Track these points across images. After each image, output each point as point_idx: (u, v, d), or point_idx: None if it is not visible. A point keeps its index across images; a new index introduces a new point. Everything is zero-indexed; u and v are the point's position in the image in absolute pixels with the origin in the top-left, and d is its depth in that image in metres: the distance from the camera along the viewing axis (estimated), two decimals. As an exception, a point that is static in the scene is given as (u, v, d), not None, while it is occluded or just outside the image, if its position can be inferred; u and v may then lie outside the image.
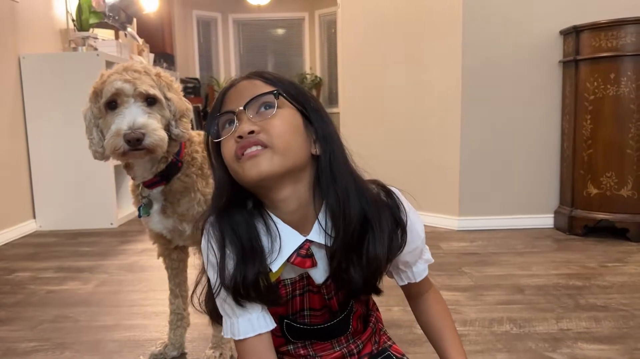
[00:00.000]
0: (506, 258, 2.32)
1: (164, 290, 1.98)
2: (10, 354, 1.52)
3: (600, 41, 2.51)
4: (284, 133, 0.74)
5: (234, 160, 0.74)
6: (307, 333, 0.87)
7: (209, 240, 0.78)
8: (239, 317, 0.78)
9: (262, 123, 0.74)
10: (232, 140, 0.75)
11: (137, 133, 1.14)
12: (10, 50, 2.97)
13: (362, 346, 0.91)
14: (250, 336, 0.78)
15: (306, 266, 0.79)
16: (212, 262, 0.78)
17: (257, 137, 0.73)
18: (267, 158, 0.72)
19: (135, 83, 1.18)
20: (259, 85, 0.78)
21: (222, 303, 0.79)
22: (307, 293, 0.83)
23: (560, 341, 1.49)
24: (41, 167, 3.11)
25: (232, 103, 0.78)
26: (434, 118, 2.92)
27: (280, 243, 0.77)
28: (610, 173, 2.54)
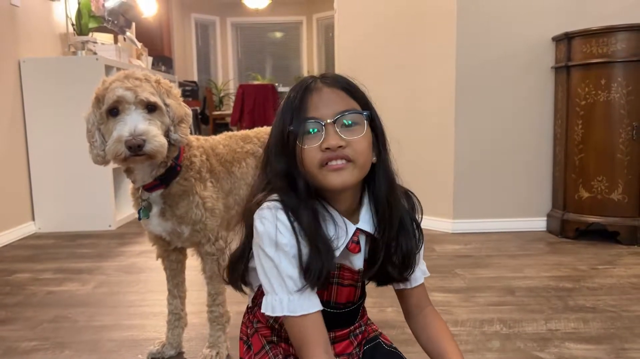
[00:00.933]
0: (499, 261, 2.36)
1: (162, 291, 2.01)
2: (11, 353, 1.55)
3: (592, 47, 2.55)
4: (365, 150, 0.85)
5: (317, 167, 0.82)
6: (332, 317, 0.91)
7: (275, 220, 0.83)
8: (301, 293, 0.82)
9: (349, 139, 0.83)
10: (317, 150, 0.82)
11: (138, 140, 1.18)
12: (10, 54, 3.01)
13: (363, 328, 0.99)
14: (309, 313, 0.83)
15: (356, 252, 0.89)
16: (281, 243, 0.82)
17: (344, 152, 0.81)
18: (349, 172, 0.82)
19: (136, 91, 1.21)
20: (343, 97, 0.86)
21: (283, 279, 0.82)
22: (338, 285, 0.91)
23: (549, 341, 1.53)
24: (40, 170, 3.14)
25: (317, 111, 0.84)
26: (428, 121, 2.96)
27: (347, 230, 0.86)
28: (601, 177, 2.58)
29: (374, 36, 3.17)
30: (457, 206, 2.90)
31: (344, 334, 0.96)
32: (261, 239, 0.83)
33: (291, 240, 0.82)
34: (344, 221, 0.87)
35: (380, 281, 0.97)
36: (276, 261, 0.82)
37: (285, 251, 0.82)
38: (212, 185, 1.44)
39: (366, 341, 1.00)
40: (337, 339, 0.95)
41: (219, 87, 8.74)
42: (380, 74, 3.09)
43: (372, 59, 3.16)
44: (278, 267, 0.82)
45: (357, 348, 0.97)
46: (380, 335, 1.03)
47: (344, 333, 0.95)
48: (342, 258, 0.89)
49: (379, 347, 1.00)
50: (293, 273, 0.82)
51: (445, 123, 2.88)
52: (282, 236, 0.82)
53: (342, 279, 0.91)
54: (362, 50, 3.23)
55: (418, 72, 2.98)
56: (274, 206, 0.84)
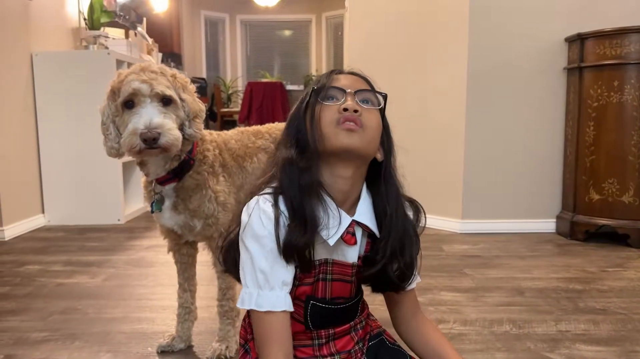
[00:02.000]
0: (508, 261, 2.35)
1: (171, 284, 2.02)
2: (22, 343, 1.56)
3: (605, 49, 2.54)
4: (375, 127, 0.89)
5: (333, 124, 0.85)
6: (328, 313, 0.92)
7: (258, 211, 0.85)
8: (270, 290, 0.83)
9: (364, 110, 0.88)
10: (335, 110, 0.87)
11: (153, 133, 1.18)
12: (22, 48, 3.03)
13: (364, 322, 1.00)
14: (275, 311, 0.83)
15: (352, 243, 0.89)
16: (260, 235, 0.83)
17: (358, 117, 0.86)
18: (359, 136, 0.85)
19: (152, 84, 1.22)
20: (365, 85, 0.93)
21: (255, 273, 0.84)
22: (330, 281, 0.91)
23: (559, 342, 1.53)
24: (51, 163, 3.16)
25: (340, 83, 0.90)
26: (438, 121, 2.96)
27: (340, 220, 0.87)
28: (612, 179, 2.57)
29: (384, 35, 3.17)
30: (466, 206, 2.89)
31: (345, 330, 0.95)
32: (243, 229, 0.86)
33: (271, 231, 0.83)
34: (338, 211, 0.87)
35: (376, 286, 0.97)
36: (252, 253, 0.84)
37: (262, 243, 0.83)
38: (225, 180, 1.44)
39: (370, 337, 1.00)
40: (337, 335, 0.95)
41: (227, 84, 8.75)
42: (391, 74, 3.09)
43: (383, 58, 3.16)
44: (252, 259, 0.84)
45: (359, 344, 0.97)
46: (385, 332, 1.04)
47: (345, 328, 0.95)
48: (335, 252, 0.90)
49: (383, 344, 1.00)
50: (266, 267, 0.83)
51: (456, 123, 2.88)
52: (262, 228, 0.83)
53: (333, 274, 0.91)
54: (372, 49, 3.22)
55: (429, 72, 2.97)
56: (263, 198, 0.86)
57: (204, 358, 1.45)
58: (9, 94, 2.90)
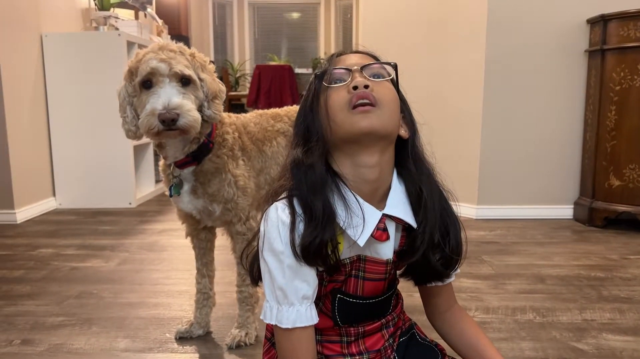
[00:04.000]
0: (526, 248, 2.31)
1: (186, 269, 2.01)
2: (39, 327, 1.54)
3: (629, 30, 2.46)
4: (391, 100, 0.80)
5: (345, 108, 0.78)
6: (357, 308, 0.87)
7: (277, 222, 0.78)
8: (290, 306, 0.79)
9: (375, 83, 0.80)
10: (344, 91, 0.79)
11: (172, 114, 1.14)
12: (32, 29, 2.98)
13: (397, 318, 0.94)
14: (297, 327, 0.79)
15: (383, 239, 0.81)
16: (277, 250, 0.78)
17: (371, 92, 0.78)
18: (376, 115, 0.77)
19: (171, 63, 1.17)
20: (371, 60, 0.85)
21: (274, 289, 0.79)
22: (362, 279, 0.85)
23: (585, 332, 1.49)
24: (61, 146, 3.13)
25: (345, 64, 0.83)
26: (455, 105, 2.90)
27: (364, 217, 0.79)
28: (634, 165, 2.51)
29: (399, 17, 3.09)
30: (482, 191, 2.85)
31: (375, 328, 0.89)
32: (261, 241, 0.80)
33: (288, 244, 0.77)
34: (360, 207, 0.79)
35: (419, 278, 0.91)
36: (270, 268, 0.79)
37: (280, 259, 0.77)
38: (244, 164, 1.40)
39: (401, 333, 0.94)
40: (367, 333, 0.89)
41: (235, 68, 8.67)
42: (406, 56, 3.02)
43: (398, 41, 3.09)
44: (271, 274, 0.79)
45: (390, 339, 0.92)
46: (415, 326, 0.99)
47: (375, 326, 0.89)
48: (367, 249, 0.83)
49: (413, 339, 0.95)
50: (283, 283, 0.78)
51: (473, 108, 2.82)
52: (280, 243, 0.77)
53: (366, 272, 0.84)
54: (387, 31, 3.15)
55: (446, 55, 2.90)
56: (281, 203, 0.79)
57: (223, 345, 1.43)
58: (19, 76, 2.86)
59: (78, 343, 1.44)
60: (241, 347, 1.41)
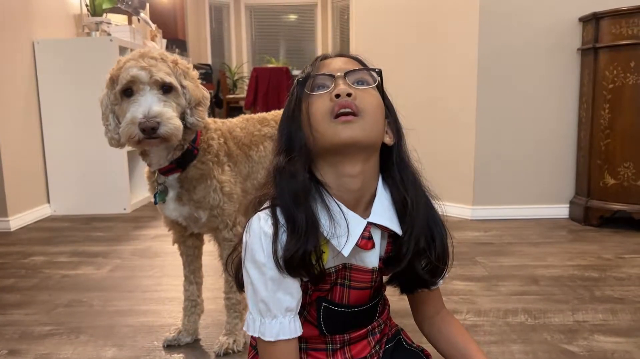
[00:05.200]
0: (521, 248, 2.30)
1: (177, 275, 1.99)
2: (26, 337, 1.53)
3: (621, 28, 2.45)
4: (375, 107, 0.79)
5: (327, 117, 0.77)
6: (343, 317, 0.86)
7: (260, 233, 0.77)
8: (273, 319, 0.78)
9: (359, 92, 0.79)
10: (327, 99, 0.78)
11: (152, 122, 1.13)
12: (24, 36, 2.97)
13: (383, 325, 0.93)
14: (280, 339, 0.78)
15: (368, 248, 0.81)
16: (260, 262, 0.76)
17: (353, 101, 0.77)
18: (359, 125, 0.76)
19: (151, 71, 1.16)
20: (356, 64, 0.84)
21: (257, 301, 0.78)
22: (348, 288, 0.84)
23: (577, 333, 1.48)
24: (55, 152, 3.12)
25: (329, 69, 0.82)
26: (449, 105, 2.88)
27: (348, 226, 0.78)
28: (628, 163, 2.50)
29: (391, 18, 3.08)
30: (477, 192, 2.83)
31: (361, 335, 0.89)
32: (244, 251, 0.79)
33: (270, 255, 0.75)
34: (343, 215, 0.78)
35: (405, 286, 0.90)
36: (253, 280, 0.77)
37: (262, 271, 0.76)
38: (230, 169, 1.39)
39: (388, 340, 0.94)
40: (353, 340, 0.88)
41: (232, 70, 8.67)
42: (399, 56, 3.01)
43: (391, 41, 3.08)
44: (253, 286, 0.78)
45: (376, 346, 0.91)
46: (402, 331, 0.98)
47: (361, 333, 0.88)
48: (353, 258, 0.82)
49: (400, 345, 0.94)
50: (266, 296, 0.77)
51: (467, 107, 2.80)
52: (262, 255, 0.76)
53: (352, 281, 0.83)
54: (380, 32, 3.14)
55: (439, 55, 2.89)
56: (264, 213, 0.78)
57: (211, 352, 1.42)
58: (11, 83, 2.85)
59: (65, 353, 1.43)
60: (229, 354, 1.40)
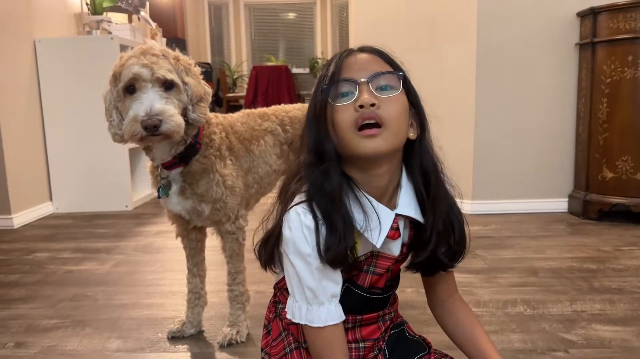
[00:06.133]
0: (520, 242, 2.32)
1: (180, 270, 2.01)
2: (32, 330, 1.56)
3: (619, 23, 2.47)
4: (399, 116, 0.80)
5: (352, 128, 0.78)
6: (359, 299, 0.89)
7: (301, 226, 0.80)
8: (320, 306, 0.81)
9: (382, 100, 0.79)
10: (351, 109, 0.78)
11: (154, 120, 1.15)
12: (25, 35, 2.99)
13: (393, 313, 0.96)
14: (329, 325, 0.81)
15: (395, 238, 0.85)
16: (304, 253, 0.80)
17: (377, 112, 0.77)
18: (382, 138, 0.78)
19: (153, 68, 1.18)
20: (380, 62, 0.83)
21: (303, 290, 0.81)
22: (372, 274, 0.88)
23: (575, 323, 1.50)
24: (57, 150, 3.14)
25: (353, 73, 0.80)
26: (448, 101, 2.90)
27: (379, 220, 0.82)
28: (626, 157, 2.52)
29: (391, 14, 3.10)
30: (477, 187, 2.85)
31: (372, 318, 0.92)
32: (287, 245, 0.82)
33: (314, 247, 0.79)
34: (374, 209, 0.81)
35: (426, 270, 0.93)
36: (298, 270, 0.81)
37: (308, 261, 0.80)
38: (232, 163, 1.41)
39: (393, 326, 0.97)
40: (364, 322, 0.92)
41: (232, 69, 8.69)
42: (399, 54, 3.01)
43: (390, 38, 3.09)
44: (299, 276, 0.81)
45: (383, 333, 0.95)
46: (405, 324, 1.01)
47: (372, 316, 0.92)
48: (373, 246, 0.85)
49: (403, 334, 0.98)
50: (313, 284, 0.80)
51: (466, 102, 2.82)
52: (307, 246, 0.79)
53: (374, 266, 0.87)
54: (379, 29, 3.16)
55: (438, 51, 2.91)
56: (302, 209, 0.81)
57: (215, 343, 1.44)
58: (13, 82, 2.88)
59: (71, 345, 1.46)
60: (232, 345, 1.42)
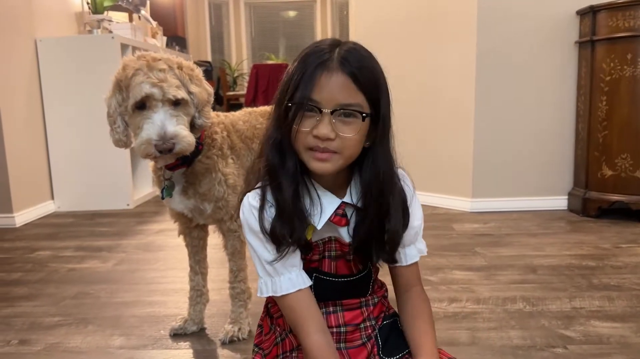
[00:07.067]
0: (519, 239, 2.33)
1: (182, 268, 2.03)
2: (36, 327, 1.57)
3: (618, 21, 2.48)
4: (355, 145, 0.84)
5: (304, 149, 0.83)
6: (332, 286, 0.93)
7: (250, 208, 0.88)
8: (280, 276, 0.87)
9: (340, 130, 0.81)
10: (309, 133, 0.81)
11: (169, 144, 1.18)
12: (26, 34, 3.00)
13: (377, 300, 0.98)
14: (291, 292, 0.87)
15: (342, 224, 0.89)
16: (255, 230, 0.87)
17: (331, 145, 0.81)
18: (333, 162, 0.83)
19: (163, 87, 1.19)
20: (352, 89, 0.81)
21: (262, 265, 0.88)
22: (334, 259, 0.92)
23: (573, 319, 1.51)
24: (59, 149, 3.15)
25: (321, 95, 0.80)
26: (448, 99, 2.91)
27: (321, 206, 0.88)
28: (626, 154, 2.53)
29: (391, 12, 3.11)
30: (476, 184, 2.86)
31: (354, 304, 0.95)
32: (243, 228, 0.90)
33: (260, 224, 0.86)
34: (318, 197, 0.87)
35: (372, 257, 0.94)
36: (255, 247, 0.88)
37: (259, 237, 0.87)
38: (233, 162, 1.43)
39: (385, 316, 0.98)
40: (346, 307, 0.94)
41: (232, 67, 8.69)
42: (398, 51, 3.04)
43: (390, 36, 3.10)
44: (257, 253, 0.88)
45: (371, 321, 0.96)
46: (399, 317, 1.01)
47: (354, 302, 0.95)
48: (333, 231, 0.91)
49: (396, 324, 0.98)
50: (269, 257, 0.87)
51: (465, 100, 2.83)
52: (256, 223, 0.86)
53: (334, 251, 0.92)
54: (380, 27, 3.17)
55: (437, 48, 2.92)
56: (254, 193, 0.88)
57: (217, 340, 1.45)
58: (15, 81, 2.88)
59: (74, 342, 1.47)
60: (234, 342, 1.43)
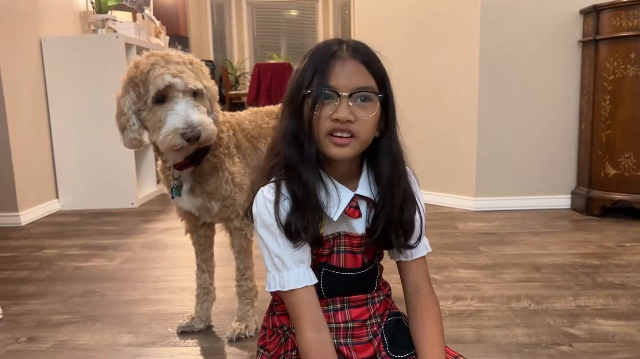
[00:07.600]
0: (523, 238, 2.34)
1: (188, 266, 2.04)
2: (44, 325, 1.58)
3: (621, 20, 2.48)
4: (371, 128, 0.87)
5: (324, 134, 0.85)
6: (340, 280, 0.95)
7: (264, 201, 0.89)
8: (289, 271, 0.88)
9: (358, 113, 0.85)
10: (327, 118, 0.85)
11: (196, 132, 1.20)
12: (31, 33, 3.01)
13: (382, 298, 0.99)
14: (298, 288, 0.88)
15: (355, 216, 0.91)
16: (267, 223, 0.88)
17: (350, 127, 0.84)
18: (352, 147, 0.86)
19: (183, 78, 1.21)
20: (363, 72, 0.86)
21: (271, 259, 0.89)
22: (343, 253, 0.94)
23: (578, 317, 1.52)
24: (63, 148, 3.17)
25: (337, 80, 0.85)
26: (451, 98, 2.92)
27: (339, 198, 0.90)
28: (629, 153, 2.54)
29: (393, 11, 3.11)
30: (480, 183, 2.87)
31: (360, 300, 0.96)
32: (255, 222, 0.91)
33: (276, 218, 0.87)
34: (336, 189, 0.89)
35: (385, 248, 0.98)
36: (265, 241, 0.89)
37: (272, 231, 0.88)
38: (240, 161, 1.44)
39: (390, 314, 1.00)
40: (352, 304, 0.96)
41: (234, 67, 8.70)
42: (401, 50, 3.05)
43: (392, 35, 3.11)
44: (267, 246, 0.89)
45: (377, 318, 0.97)
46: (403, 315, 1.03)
47: (360, 298, 0.96)
48: (343, 226, 0.92)
49: (401, 323, 0.99)
50: (279, 251, 0.88)
51: (469, 99, 2.84)
52: (269, 217, 0.88)
53: (346, 246, 0.94)
54: (382, 26, 3.17)
55: (441, 49, 2.93)
56: (268, 187, 0.89)
57: (224, 338, 1.46)
58: (20, 80, 2.90)
59: (82, 339, 1.48)
60: (241, 339, 1.44)
